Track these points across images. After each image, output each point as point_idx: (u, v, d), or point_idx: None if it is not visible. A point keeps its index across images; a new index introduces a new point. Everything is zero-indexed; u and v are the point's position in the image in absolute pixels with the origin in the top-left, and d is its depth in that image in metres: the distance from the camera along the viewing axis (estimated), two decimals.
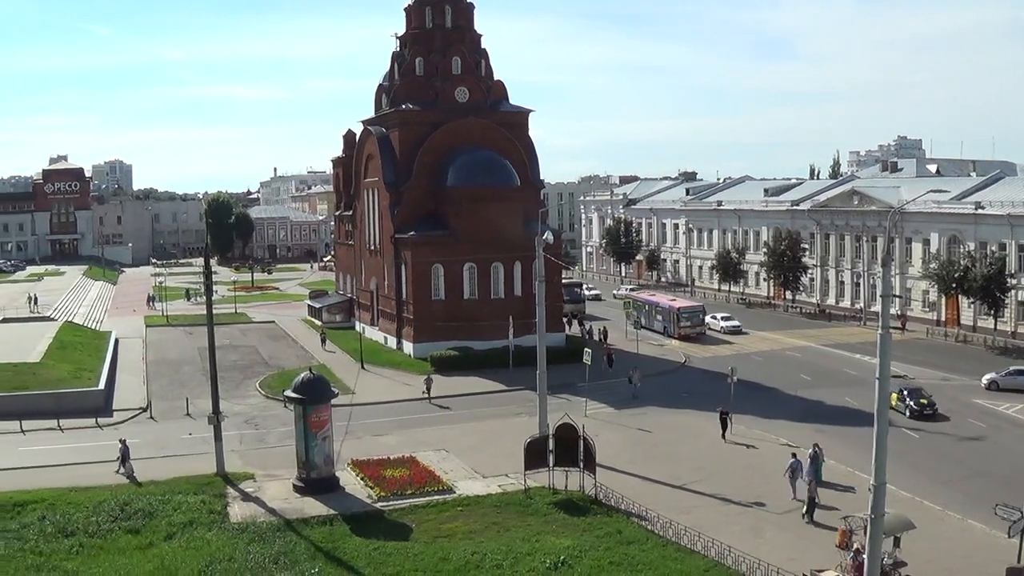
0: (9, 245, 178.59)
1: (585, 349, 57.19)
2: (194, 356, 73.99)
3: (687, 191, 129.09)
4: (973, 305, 77.90)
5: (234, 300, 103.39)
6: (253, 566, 31.13)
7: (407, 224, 72.28)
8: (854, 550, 29.35)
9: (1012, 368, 60.12)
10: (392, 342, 75.45)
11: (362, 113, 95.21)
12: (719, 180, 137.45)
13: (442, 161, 72.53)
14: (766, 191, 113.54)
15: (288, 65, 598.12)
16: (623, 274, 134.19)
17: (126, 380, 65.40)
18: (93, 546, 33.43)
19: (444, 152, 72.87)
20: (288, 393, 40.67)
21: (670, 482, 40.59)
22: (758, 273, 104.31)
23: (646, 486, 40.09)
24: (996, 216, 76.94)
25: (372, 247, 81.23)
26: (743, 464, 43.44)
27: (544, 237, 50.30)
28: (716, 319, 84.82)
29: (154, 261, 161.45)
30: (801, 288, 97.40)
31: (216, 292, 62.14)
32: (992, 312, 74.50)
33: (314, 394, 39.62)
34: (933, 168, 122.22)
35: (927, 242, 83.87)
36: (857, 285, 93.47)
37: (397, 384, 62.98)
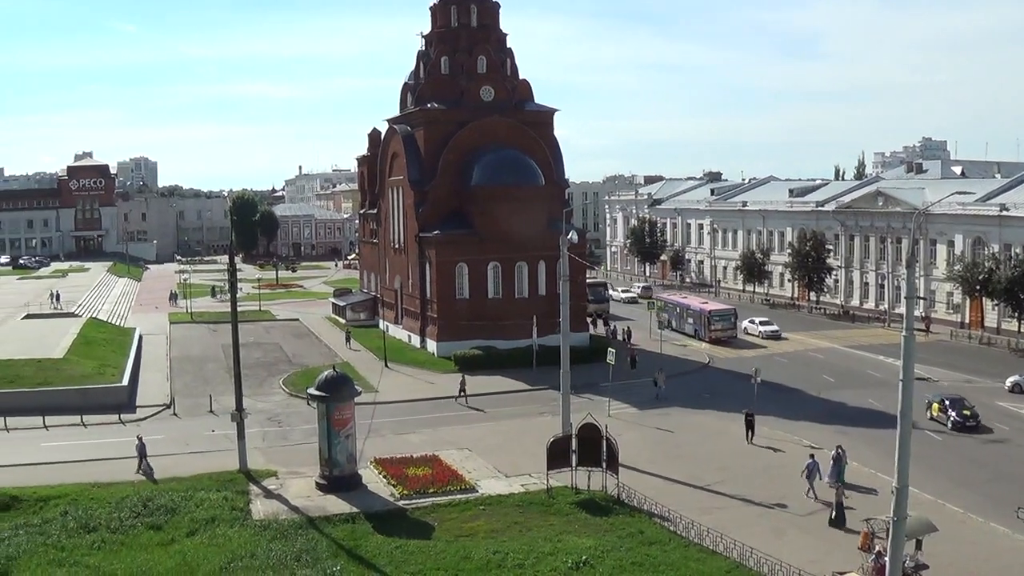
0: (34, 241, 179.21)
1: (609, 349, 57.08)
2: (218, 353, 74.36)
3: (712, 191, 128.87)
4: (997, 307, 77.59)
5: (258, 298, 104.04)
6: (275, 563, 31.18)
7: (431, 223, 72.41)
8: (876, 552, 29.31)
9: None
10: (416, 341, 75.61)
11: (387, 111, 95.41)
12: (744, 180, 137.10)
13: (467, 160, 72.65)
14: (791, 192, 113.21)
15: (313, 63, 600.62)
16: (647, 274, 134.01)
17: (150, 377, 65.73)
18: (115, 542, 33.51)
19: (469, 151, 72.97)
20: (311, 391, 40.77)
21: (692, 483, 40.55)
22: (782, 274, 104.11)
23: (668, 486, 40.08)
24: (1021, 218, 76.43)
25: (397, 245, 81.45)
26: (765, 465, 43.32)
27: (568, 236, 50.23)
28: (754, 323, 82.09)
29: (179, 258, 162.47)
30: (825, 289, 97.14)
31: (240, 289, 62.56)
32: (1016, 314, 74.26)
33: (337, 392, 39.69)
34: (958, 170, 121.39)
35: (951, 244, 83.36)
36: (881, 287, 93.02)
37: (420, 383, 63.12)
